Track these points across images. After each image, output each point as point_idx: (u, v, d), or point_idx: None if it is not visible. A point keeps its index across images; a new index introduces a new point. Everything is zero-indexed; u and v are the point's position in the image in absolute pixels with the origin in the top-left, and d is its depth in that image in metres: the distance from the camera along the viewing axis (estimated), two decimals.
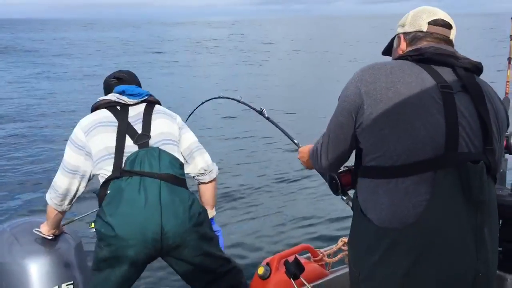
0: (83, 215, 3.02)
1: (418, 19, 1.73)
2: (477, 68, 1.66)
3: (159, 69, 20.23)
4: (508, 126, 1.73)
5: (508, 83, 3.04)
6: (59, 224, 2.63)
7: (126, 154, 2.31)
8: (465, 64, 1.63)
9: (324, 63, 22.36)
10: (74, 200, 2.49)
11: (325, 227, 4.63)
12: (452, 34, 1.74)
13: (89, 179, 2.44)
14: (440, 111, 1.52)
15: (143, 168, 2.28)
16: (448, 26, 1.72)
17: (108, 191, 2.27)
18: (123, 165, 2.29)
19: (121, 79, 2.60)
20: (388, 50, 1.91)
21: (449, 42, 1.72)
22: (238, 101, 3.05)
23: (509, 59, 3.23)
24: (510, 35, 3.31)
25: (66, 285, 2.55)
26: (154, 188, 2.25)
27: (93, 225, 2.37)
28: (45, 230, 2.61)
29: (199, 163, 2.58)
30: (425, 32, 1.71)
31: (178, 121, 2.57)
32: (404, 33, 1.77)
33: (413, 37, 1.74)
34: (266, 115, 2.84)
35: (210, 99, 3.19)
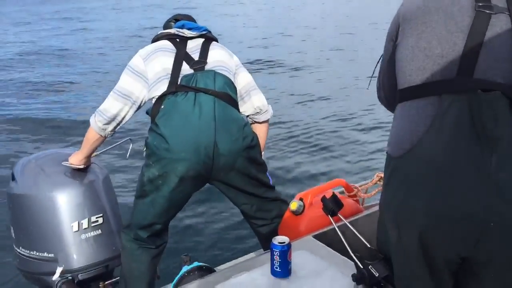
0: (112, 146, 2.96)
1: None
2: None
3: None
4: None
5: None
6: (93, 152, 2.58)
7: (181, 76, 2.30)
8: None
9: None
10: (118, 127, 2.46)
11: (360, 161, 4.54)
12: None
13: (138, 108, 2.42)
14: (464, 31, 1.37)
15: (198, 86, 2.28)
16: None
17: (162, 106, 2.27)
18: (178, 83, 2.29)
19: (180, 20, 2.58)
20: None
21: None
22: None
23: None
24: None
25: (96, 217, 2.53)
26: (209, 104, 2.25)
27: (145, 147, 2.35)
28: (76, 159, 2.56)
29: (256, 102, 2.58)
30: None
31: (235, 59, 2.56)
32: None
33: None
34: None
35: None
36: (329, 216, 2.00)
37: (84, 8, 23.24)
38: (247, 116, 2.59)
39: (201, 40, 2.48)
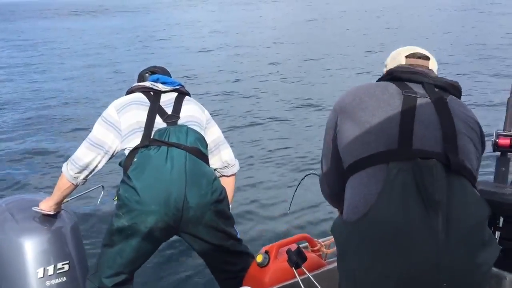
0: (83, 193, 2.99)
1: (397, 56, 1.89)
2: (453, 87, 1.76)
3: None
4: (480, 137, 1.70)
5: None
6: (63, 199, 2.61)
7: (155, 129, 2.39)
8: (436, 82, 1.73)
9: None
10: (89, 175, 2.50)
11: (324, 217, 4.64)
12: (431, 64, 1.87)
13: (111, 157, 2.48)
14: (398, 109, 1.61)
15: (171, 140, 2.36)
16: (425, 58, 1.86)
17: (135, 159, 2.34)
18: (151, 137, 2.37)
19: (155, 73, 2.70)
20: None
21: (429, 71, 1.82)
22: None
23: None
24: None
25: (62, 264, 2.53)
26: (180, 158, 2.33)
27: (116, 198, 2.39)
28: (47, 205, 2.59)
29: (224, 156, 2.69)
30: (403, 65, 1.84)
31: (206, 113, 2.68)
32: (387, 71, 1.88)
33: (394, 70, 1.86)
34: None
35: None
36: (293, 268, 2.07)
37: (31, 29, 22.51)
38: (215, 169, 2.68)
39: (175, 94, 2.59)
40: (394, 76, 1.76)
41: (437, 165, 1.50)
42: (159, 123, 2.43)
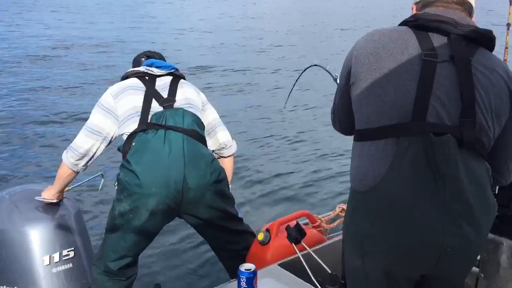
0: (84, 181, 3.02)
1: None
2: (485, 37, 1.56)
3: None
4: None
5: (506, 50, 2.98)
6: (65, 187, 2.65)
7: (151, 113, 2.41)
8: (465, 32, 1.53)
9: None
10: (90, 162, 2.53)
11: (323, 193, 4.70)
12: None
13: (109, 143, 2.51)
14: (415, 79, 1.49)
15: (168, 124, 2.39)
16: None
17: (133, 143, 2.37)
18: (148, 121, 2.39)
19: (150, 57, 2.71)
20: None
21: (464, 6, 1.61)
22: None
23: (508, 25, 3.15)
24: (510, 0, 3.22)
25: (67, 251, 2.57)
26: (178, 141, 2.36)
27: (117, 182, 2.43)
28: (49, 194, 2.63)
29: (220, 138, 2.72)
30: None
31: (202, 96, 2.71)
32: (416, 2, 1.72)
33: (422, 4, 1.66)
34: None
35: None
36: (293, 243, 2.12)
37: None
38: (213, 151, 2.71)
39: (170, 78, 2.60)
40: (419, 24, 1.56)
41: (450, 141, 1.45)
42: (155, 107, 2.45)
